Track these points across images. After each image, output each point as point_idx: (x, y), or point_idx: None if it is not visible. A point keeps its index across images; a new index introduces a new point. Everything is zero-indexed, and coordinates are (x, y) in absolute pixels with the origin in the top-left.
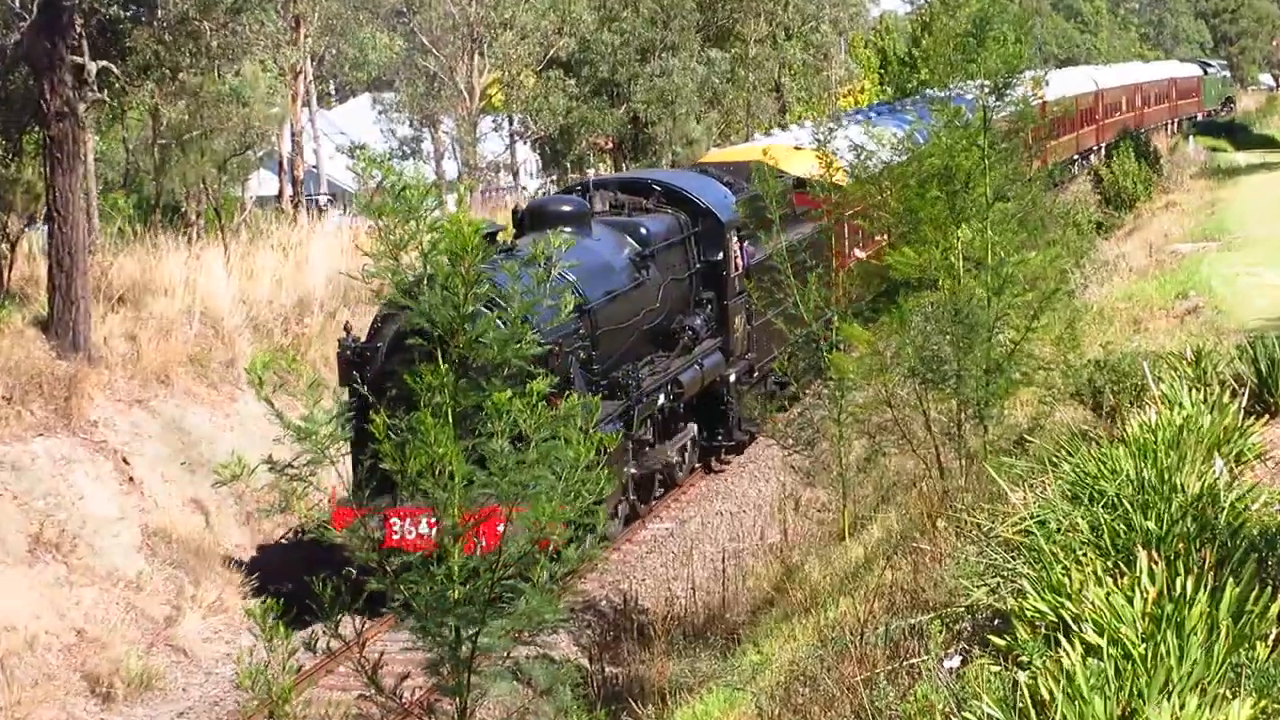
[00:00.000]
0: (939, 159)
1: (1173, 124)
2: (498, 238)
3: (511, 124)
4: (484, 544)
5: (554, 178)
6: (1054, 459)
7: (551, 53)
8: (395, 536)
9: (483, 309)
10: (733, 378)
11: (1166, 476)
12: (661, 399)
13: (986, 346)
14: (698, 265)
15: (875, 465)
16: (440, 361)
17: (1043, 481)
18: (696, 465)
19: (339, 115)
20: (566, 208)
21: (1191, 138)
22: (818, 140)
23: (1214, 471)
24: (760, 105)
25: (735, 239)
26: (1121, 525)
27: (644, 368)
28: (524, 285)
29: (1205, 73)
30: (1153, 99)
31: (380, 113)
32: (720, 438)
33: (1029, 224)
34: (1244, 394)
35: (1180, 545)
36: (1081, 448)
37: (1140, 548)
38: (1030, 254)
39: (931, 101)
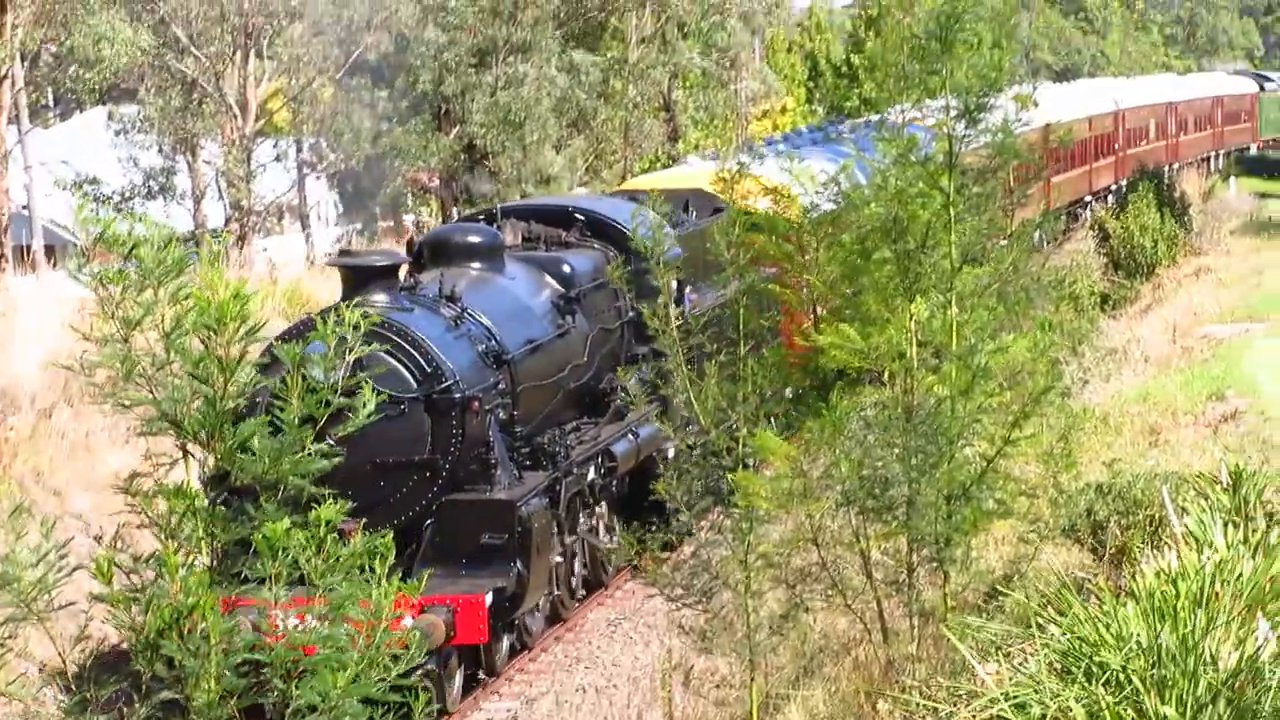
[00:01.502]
0: (885, 207)
1: (1217, 157)
2: (399, 272)
3: (300, 151)
4: None
5: (357, 226)
6: (1038, 619)
7: (356, 54)
8: (279, 632)
9: (272, 400)
10: (671, 453)
11: (1192, 644)
12: (591, 473)
13: (949, 465)
14: (630, 313)
15: (795, 625)
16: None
17: (1023, 649)
18: (623, 565)
19: (61, 135)
20: (475, 239)
21: (1233, 179)
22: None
23: (1257, 638)
24: (644, 130)
25: (675, 283)
26: (1130, 711)
27: (570, 434)
28: (319, 378)
29: (1262, 89)
30: (1191, 124)
31: (118, 133)
32: (654, 528)
33: (1009, 298)
34: None
35: None
36: (1076, 604)
37: None
38: (1010, 338)
39: (877, 128)
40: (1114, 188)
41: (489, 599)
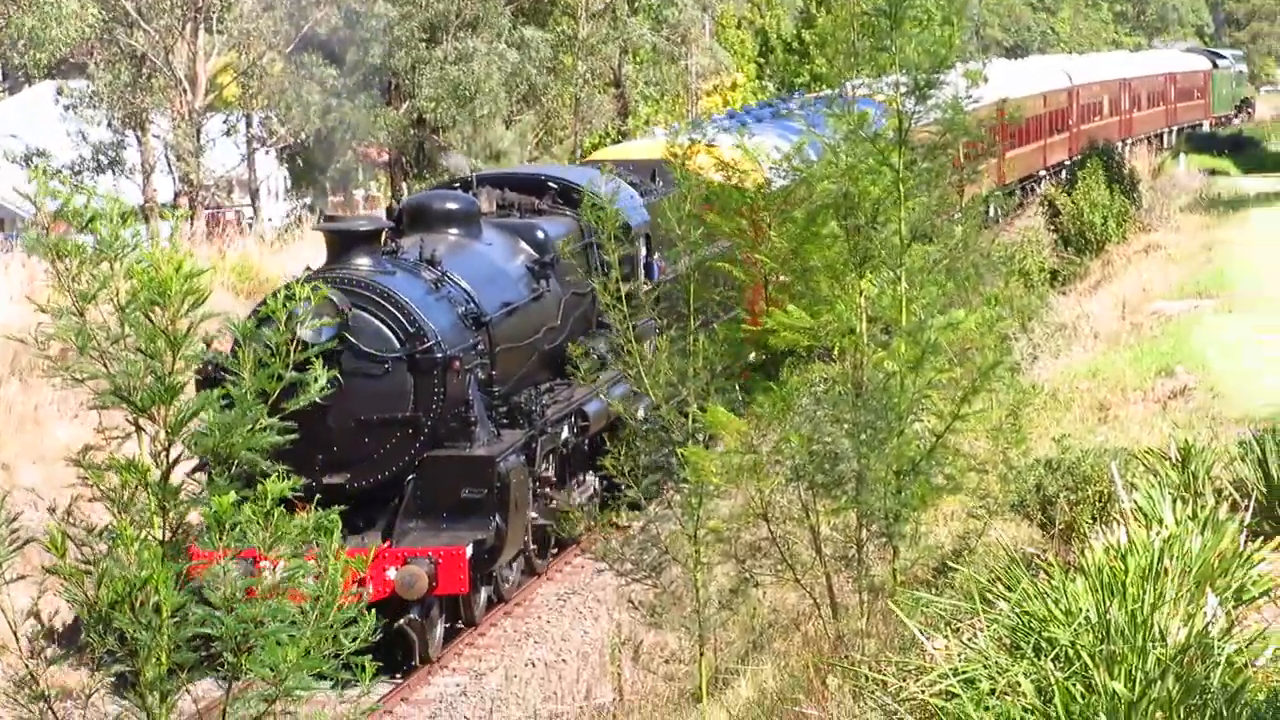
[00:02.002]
0: (836, 183)
1: (1170, 134)
2: (382, 237)
3: (250, 126)
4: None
5: (308, 200)
6: (987, 594)
7: (306, 29)
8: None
9: (224, 375)
10: (641, 413)
11: (1141, 619)
12: (565, 432)
13: (899, 440)
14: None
15: (745, 600)
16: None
17: (972, 624)
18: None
19: (9, 110)
20: (452, 205)
21: (1183, 156)
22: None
23: (1206, 613)
24: (594, 105)
25: (645, 249)
26: (1079, 686)
27: (544, 395)
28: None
29: (1215, 65)
30: (1144, 100)
31: (67, 108)
32: (624, 488)
33: (959, 273)
34: (1248, 508)
35: (1159, 714)
36: (1025, 579)
37: (1104, 717)
38: (960, 314)
39: (828, 104)
40: (1068, 163)
41: (469, 551)
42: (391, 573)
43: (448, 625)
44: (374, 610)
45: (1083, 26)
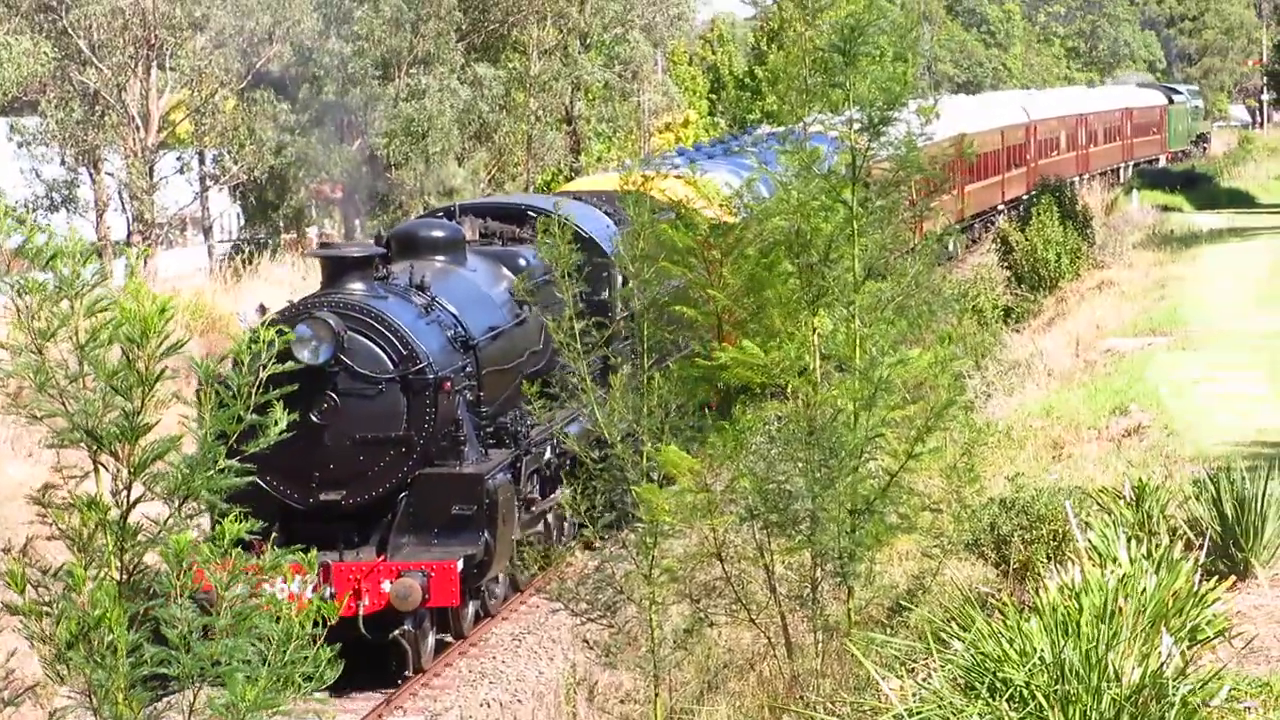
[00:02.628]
0: (789, 220)
1: (1126, 168)
2: (372, 263)
3: (203, 163)
4: None
5: (261, 235)
6: (942, 634)
7: (259, 66)
8: (264, 596)
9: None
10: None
11: (1095, 660)
12: (549, 453)
13: (852, 479)
14: (580, 305)
15: (699, 640)
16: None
17: (927, 664)
18: (572, 543)
19: None
20: (439, 233)
21: (1135, 192)
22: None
23: (1161, 653)
24: (546, 142)
25: (620, 276)
26: None
27: (528, 416)
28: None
29: (1171, 101)
30: (1101, 135)
31: (20, 145)
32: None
33: (911, 311)
34: (1202, 547)
35: None
36: (980, 619)
37: None
38: (913, 352)
39: (780, 140)
40: (1026, 197)
41: (460, 565)
42: (386, 585)
43: (438, 637)
44: (337, 645)
45: (1035, 62)
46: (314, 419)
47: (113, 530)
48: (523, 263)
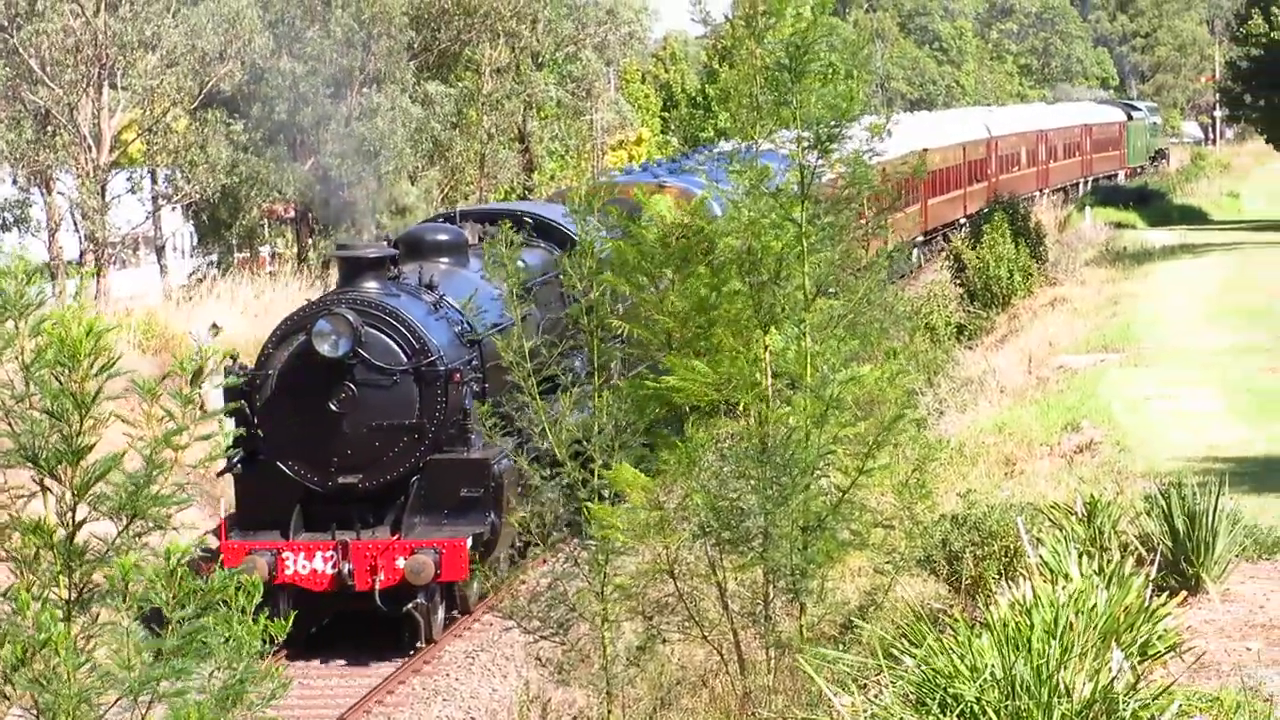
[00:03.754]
0: (739, 238)
1: (1086, 183)
2: (386, 264)
3: (156, 182)
4: None
5: (213, 257)
6: (893, 650)
7: (211, 85)
8: (288, 572)
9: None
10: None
11: (1046, 675)
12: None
13: (804, 495)
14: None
15: (652, 656)
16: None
17: (878, 681)
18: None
19: None
20: (443, 237)
21: (1088, 209)
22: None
23: (1111, 668)
24: (499, 161)
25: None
26: None
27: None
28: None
29: (1130, 117)
30: (1060, 151)
31: None
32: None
33: (863, 328)
34: (1153, 562)
35: None
36: (931, 635)
37: None
38: (864, 369)
39: (730, 158)
40: (987, 212)
41: (469, 543)
42: (401, 562)
43: (447, 615)
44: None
45: (988, 79)
46: (333, 408)
47: (59, 551)
48: (520, 265)
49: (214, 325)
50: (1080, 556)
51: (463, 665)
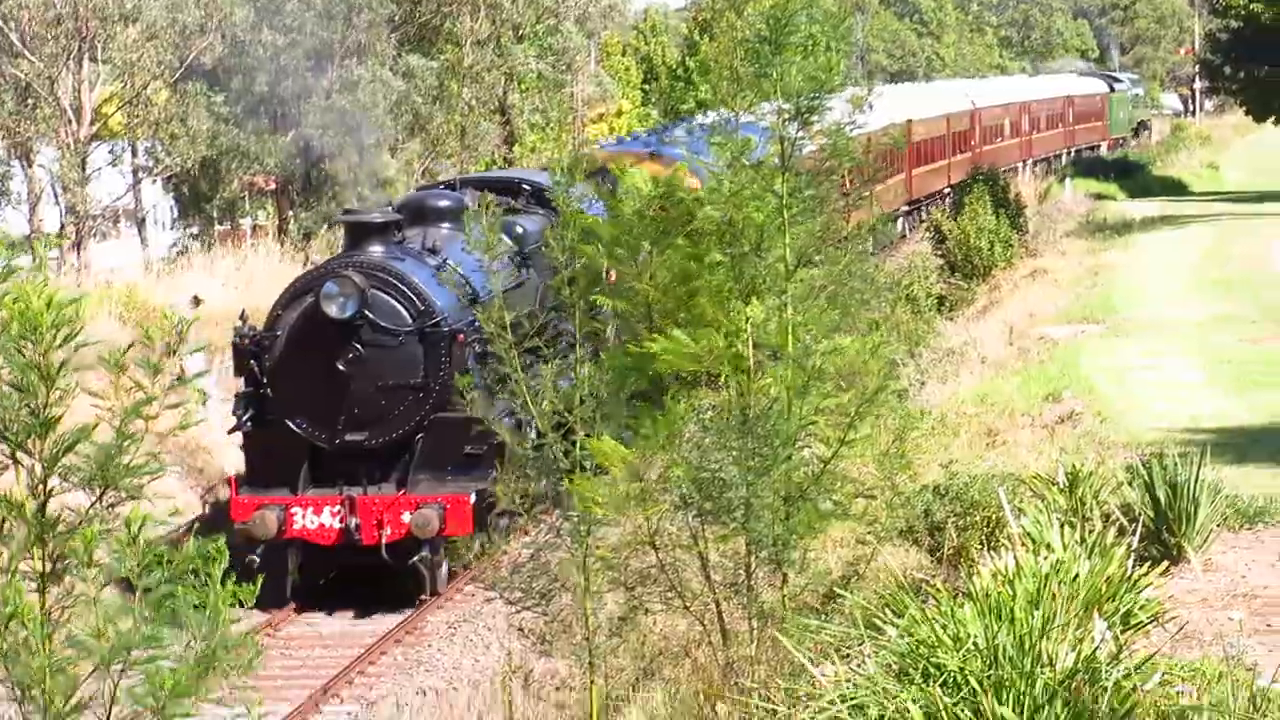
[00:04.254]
0: (720, 210)
1: (1069, 154)
2: (391, 228)
3: (136, 155)
4: None
5: (194, 229)
6: (876, 620)
7: (191, 58)
8: (296, 526)
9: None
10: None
11: (1029, 645)
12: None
13: (786, 466)
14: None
15: (634, 627)
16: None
17: (861, 651)
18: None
19: None
20: (445, 203)
21: (1068, 180)
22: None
23: (1094, 638)
24: (480, 133)
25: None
26: (967, 712)
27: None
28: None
29: (1112, 89)
30: (1043, 122)
31: None
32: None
33: (844, 299)
34: (1135, 532)
35: None
36: (913, 605)
37: None
38: (846, 340)
39: (711, 130)
40: (968, 183)
41: (473, 498)
42: (407, 516)
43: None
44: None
45: (967, 52)
46: (340, 368)
47: (31, 522)
48: (519, 230)
49: (195, 297)
50: (1062, 527)
51: (445, 636)
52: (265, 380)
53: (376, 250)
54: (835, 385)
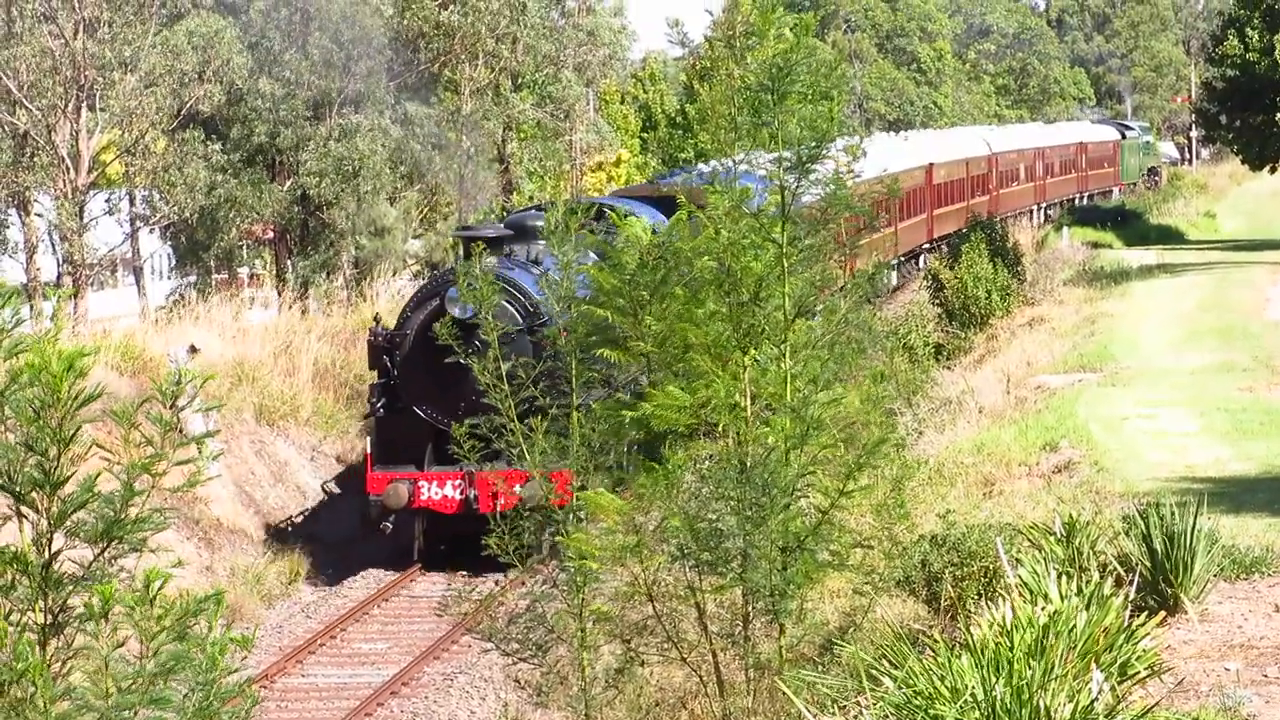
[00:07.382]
0: (717, 259)
1: (1081, 199)
2: (502, 243)
3: (134, 204)
4: None
5: (192, 279)
6: (873, 671)
7: (189, 106)
8: (423, 497)
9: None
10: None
11: (1026, 697)
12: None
13: (784, 516)
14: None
15: (631, 679)
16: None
17: (858, 702)
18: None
19: None
20: (543, 223)
21: (1065, 229)
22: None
23: (1091, 689)
24: (479, 181)
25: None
26: None
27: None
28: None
29: (1124, 137)
30: (1057, 168)
31: None
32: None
33: (842, 349)
34: (1132, 582)
35: None
36: (911, 656)
37: None
38: (844, 390)
39: (709, 180)
40: (965, 232)
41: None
42: (518, 489)
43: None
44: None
45: (965, 100)
46: (462, 361)
47: (34, 576)
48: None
49: (192, 347)
50: (1059, 577)
51: (441, 688)
52: (395, 373)
53: (491, 261)
54: (832, 435)
